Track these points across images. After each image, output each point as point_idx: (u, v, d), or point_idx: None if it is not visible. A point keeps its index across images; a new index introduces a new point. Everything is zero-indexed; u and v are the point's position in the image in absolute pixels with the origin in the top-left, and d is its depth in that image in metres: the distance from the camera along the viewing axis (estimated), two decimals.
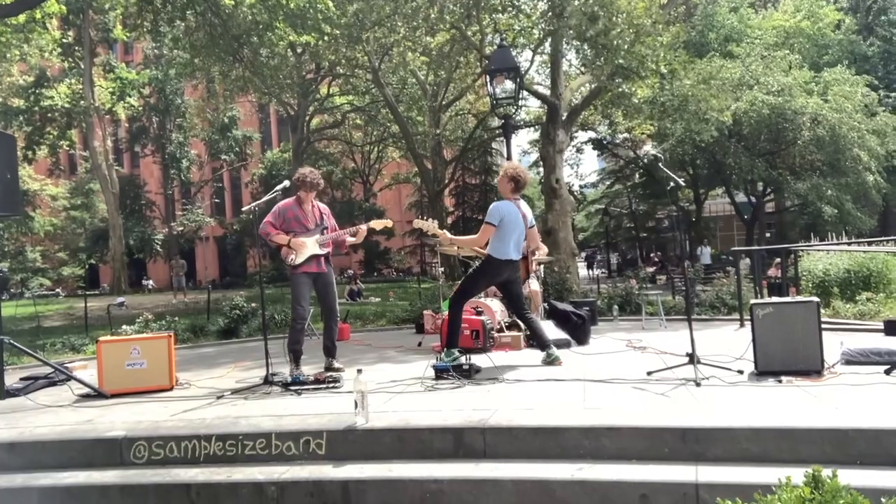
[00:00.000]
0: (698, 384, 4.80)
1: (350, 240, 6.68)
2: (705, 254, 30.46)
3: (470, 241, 6.82)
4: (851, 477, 2.87)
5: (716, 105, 16.14)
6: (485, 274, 6.46)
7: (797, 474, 3.33)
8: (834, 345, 5.51)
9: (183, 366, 7.44)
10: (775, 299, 5.78)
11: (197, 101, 37.16)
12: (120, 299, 22.30)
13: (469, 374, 5.65)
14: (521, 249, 6.48)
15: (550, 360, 6.22)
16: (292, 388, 5.58)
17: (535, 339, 6.65)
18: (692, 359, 5.13)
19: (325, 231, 6.50)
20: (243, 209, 7.22)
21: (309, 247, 6.34)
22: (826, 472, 2.19)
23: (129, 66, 38.49)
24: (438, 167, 29.67)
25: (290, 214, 6.38)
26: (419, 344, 8.62)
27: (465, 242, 7.08)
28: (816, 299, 5.16)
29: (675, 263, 34.40)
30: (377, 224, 6.83)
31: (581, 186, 48.22)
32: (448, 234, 6.81)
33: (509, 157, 11.39)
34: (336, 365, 6.55)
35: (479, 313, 7.67)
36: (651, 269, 30.95)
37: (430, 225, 6.60)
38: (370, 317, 13.37)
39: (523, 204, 6.45)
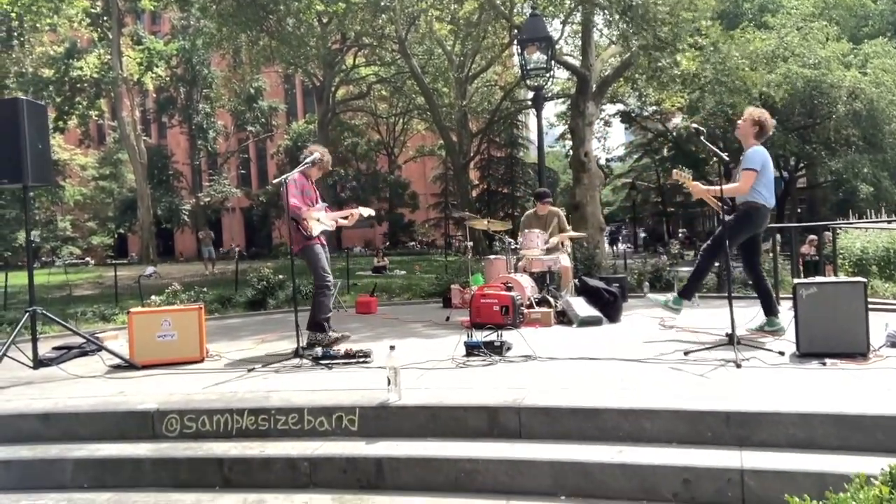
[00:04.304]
0: (739, 365, 4.67)
1: (342, 222, 6.89)
2: None
3: (732, 189, 6.03)
4: None
5: (757, 79, 15.74)
6: (750, 222, 5.99)
7: (846, 462, 3.26)
8: (878, 326, 5.32)
9: (211, 337, 7.42)
10: (819, 279, 5.58)
11: (224, 71, 37.13)
12: (150, 269, 22.45)
13: (501, 350, 5.55)
14: None
15: (774, 330, 5.92)
16: (323, 362, 5.54)
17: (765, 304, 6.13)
18: (732, 339, 4.99)
19: (326, 210, 6.70)
20: (273, 180, 7.27)
21: (322, 220, 6.48)
22: None
23: (157, 36, 38.52)
24: (464, 140, 29.39)
25: (305, 189, 6.51)
26: (447, 318, 8.54)
27: (725, 192, 5.95)
28: (864, 280, 4.98)
29: (704, 239, 33.92)
30: (365, 211, 7.01)
31: (608, 160, 47.57)
32: (701, 186, 6.28)
33: (539, 130, 11.21)
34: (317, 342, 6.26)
35: (509, 288, 7.56)
36: (679, 245, 30.49)
37: (686, 176, 6.23)
38: (396, 290, 13.32)
39: None
